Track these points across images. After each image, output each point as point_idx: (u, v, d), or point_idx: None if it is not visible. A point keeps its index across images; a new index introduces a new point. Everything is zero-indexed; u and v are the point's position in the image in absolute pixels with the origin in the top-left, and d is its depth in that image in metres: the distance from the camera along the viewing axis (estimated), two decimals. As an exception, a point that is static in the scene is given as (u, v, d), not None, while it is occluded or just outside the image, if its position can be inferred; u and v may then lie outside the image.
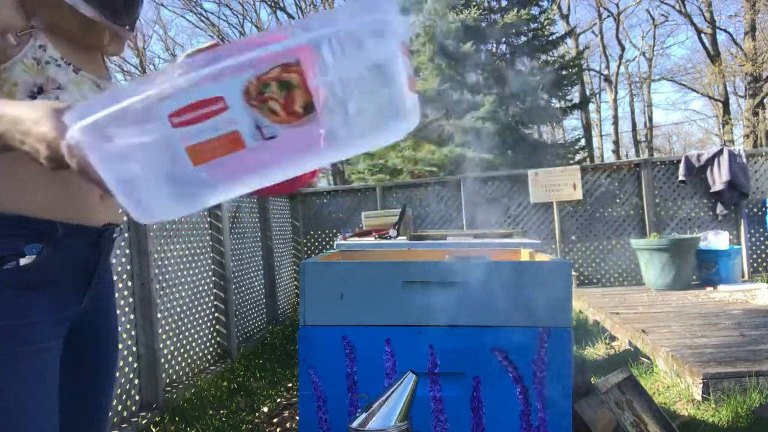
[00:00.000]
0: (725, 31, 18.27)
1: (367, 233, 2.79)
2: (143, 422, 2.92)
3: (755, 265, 6.18)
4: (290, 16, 23.08)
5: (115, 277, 2.90)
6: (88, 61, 1.03)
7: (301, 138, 0.64)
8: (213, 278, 4.19)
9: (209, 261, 4.15)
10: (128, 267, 3.06)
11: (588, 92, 19.10)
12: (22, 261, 0.87)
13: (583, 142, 14.97)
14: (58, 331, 0.94)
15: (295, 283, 6.54)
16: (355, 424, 1.14)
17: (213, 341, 4.11)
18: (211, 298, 4.15)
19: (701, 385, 2.72)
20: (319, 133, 0.64)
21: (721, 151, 6.08)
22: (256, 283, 5.19)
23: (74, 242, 0.96)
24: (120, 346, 2.93)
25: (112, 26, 0.99)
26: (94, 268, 1.02)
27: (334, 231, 6.71)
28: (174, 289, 3.56)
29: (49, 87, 0.91)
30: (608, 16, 21.24)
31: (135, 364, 3.05)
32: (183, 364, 3.62)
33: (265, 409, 3.21)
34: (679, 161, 6.28)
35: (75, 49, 1.00)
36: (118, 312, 2.89)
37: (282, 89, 0.62)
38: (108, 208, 1.04)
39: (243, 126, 0.63)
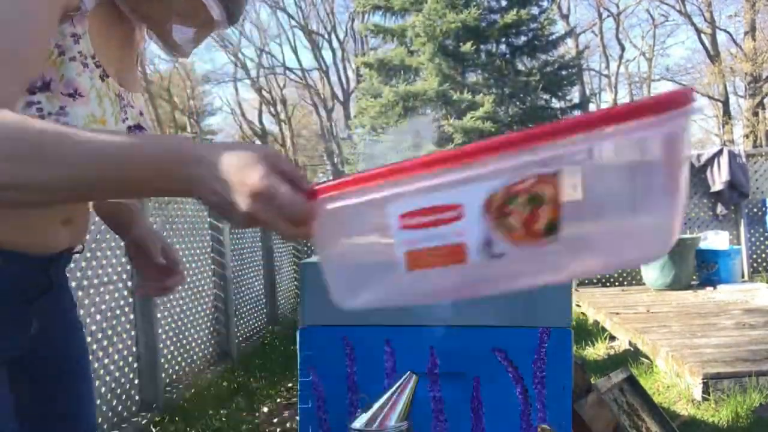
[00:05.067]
0: (725, 31, 18.29)
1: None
2: (143, 422, 2.92)
3: (755, 265, 6.18)
4: (290, 17, 23.09)
5: (115, 277, 2.91)
6: (123, 67, 0.84)
7: (531, 259, 0.55)
8: (213, 278, 4.19)
9: (209, 261, 4.15)
10: (128, 267, 3.06)
11: (588, 92, 19.10)
12: None
13: (583, 142, 14.95)
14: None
15: (295, 283, 6.54)
16: (354, 425, 1.14)
17: (213, 341, 4.11)
18: (211, 298, 4.15)
19: (701, 385, 2.72)
20: (554, 256, 0.55)
21: (721, 151, 6.08)
22: (256, 283, 5.19)
23: (14, 271, 0.79)
24: (120, 346, 2.93)
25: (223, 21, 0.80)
26: (40, 295, 0.85)
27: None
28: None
29: (58, 88, 0.71)
30: (608, 16, 21.27)
31: (135, 364, 3.05)
32: (183, 364, 3.62)
33: (265, 409, 3.21)
34: (679, 161, 6.28)
35: (116, 48, 0.80)
36: (118, 312, 2.90)
37: (530, 203, 0.52)
38: (70, 232, 0.86)
39: (472, 239, 0.55)
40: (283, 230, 0.57)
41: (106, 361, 2.78)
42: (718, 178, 6.04)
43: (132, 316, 3.07)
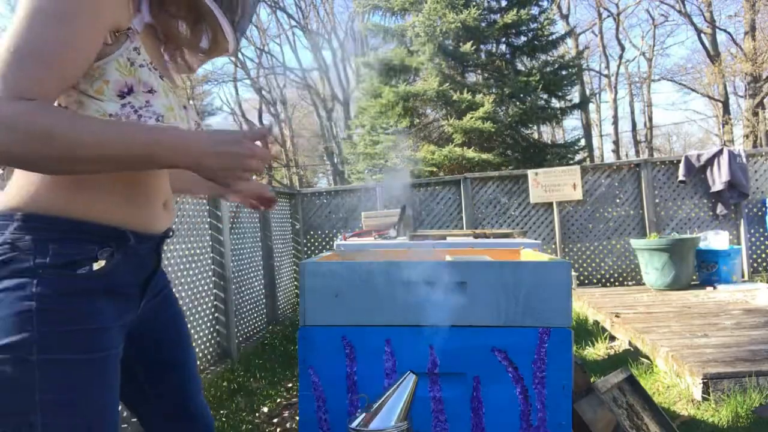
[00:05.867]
0: (725, 31, 18.28)
1: (367, 233, 2.79)
2: (143, 422, 2.91)
3: (755, 265, 6.18)
4: (290, 17, 23.08)
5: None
6: (166, 71, 1.05)
7: None
8: (213, 278, 4.19)
9: (209, 261, 4.15)
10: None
11: (588, 92, 19.10)
12: (95, 266, 0.90)
13: (583, 142, 14.97)
14: (120, 338, 0.97)
15: (295, 283, 6.53)
16: (355, 424, 1.14)
17: (213, 341, 4.11)
18: (211, 298, 4.15)
19: (701, 385, 2.72)
20: None
21: (721, 151, 6.08)
22: (256, 283, 5.19)
23: (141, 250, 0.99)
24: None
25: (230, 39, 1.03)
26: (152, 274, 1.06)
27: (334, 231, 6.71)
28: (174, 289, 3.55)
29: (139, 88, 0.92)
30: (608, 16, 21.26)
31: (135, 364, 3.05)
32: (183, 364, 3.62)
33: (265, 409, 3.21)
34: (679, 161, 6.28)
35: (159, 59, 1.02)
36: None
37: None
38: (168, 214, 1.08)
39: None
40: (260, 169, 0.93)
41: (106, 361, 2.77)
42: (718, 178, 6.04)
43: (132, 316, 3.06)
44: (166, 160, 0.86)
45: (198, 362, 3.83)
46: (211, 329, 4.10)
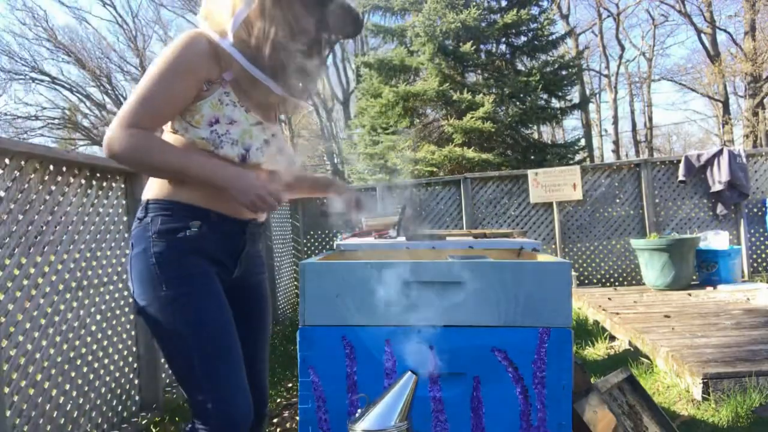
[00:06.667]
0: (725, 31, 18.29)
1: (367, 233, 2.79)
2: (143, 422, 2.91)
3: (755, 265, 6.18)
4: (290, 16, 23.04)
5: (115, 278, 2.91)
6: (258, 107, 1.42)
7: None
8: (213, 278, 4.18)
9: (209, 261, 4.14)
10: (128, 267, 3.05)
11: (588, 92, 19.10)
12: (188, 233, 1.33)
13: (583, 142, 14.97)
14: (218, 284, 1.37)
15: (295, 283, 6.53)
16: (354, 425, 1.14)
17: (213, 341, 4.10)
18: (211, 298, 4.14)
19: (701, 385, 2.72)
20: None
21: (721, 151, 6.08)
22: (256, 283, 5.18)
23: (224, 227, 1.38)
24: (120, 346, 2.93)
25: (290, 98, 1.42)
26: (241, 251, 1.43)
27: (334, 231, 6.71)
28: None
29: (223, 120, 1.33)
30: (608, 16, 21.26)
31: (135, 364, 3.05)
32: (183, 364, 3.61)
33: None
34: (679, 161, 6.28)
35: (249, 99, 1.40)
36: (118, 312, 2.90)
37: None
38: None
39: None
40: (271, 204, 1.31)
41: (106, 361, 2.78)
42: (718, 178, 6.04)
43: (132, 316, 3.06)
44: (198, 178, 1.28)
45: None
46: (211, 329, 4.09)
